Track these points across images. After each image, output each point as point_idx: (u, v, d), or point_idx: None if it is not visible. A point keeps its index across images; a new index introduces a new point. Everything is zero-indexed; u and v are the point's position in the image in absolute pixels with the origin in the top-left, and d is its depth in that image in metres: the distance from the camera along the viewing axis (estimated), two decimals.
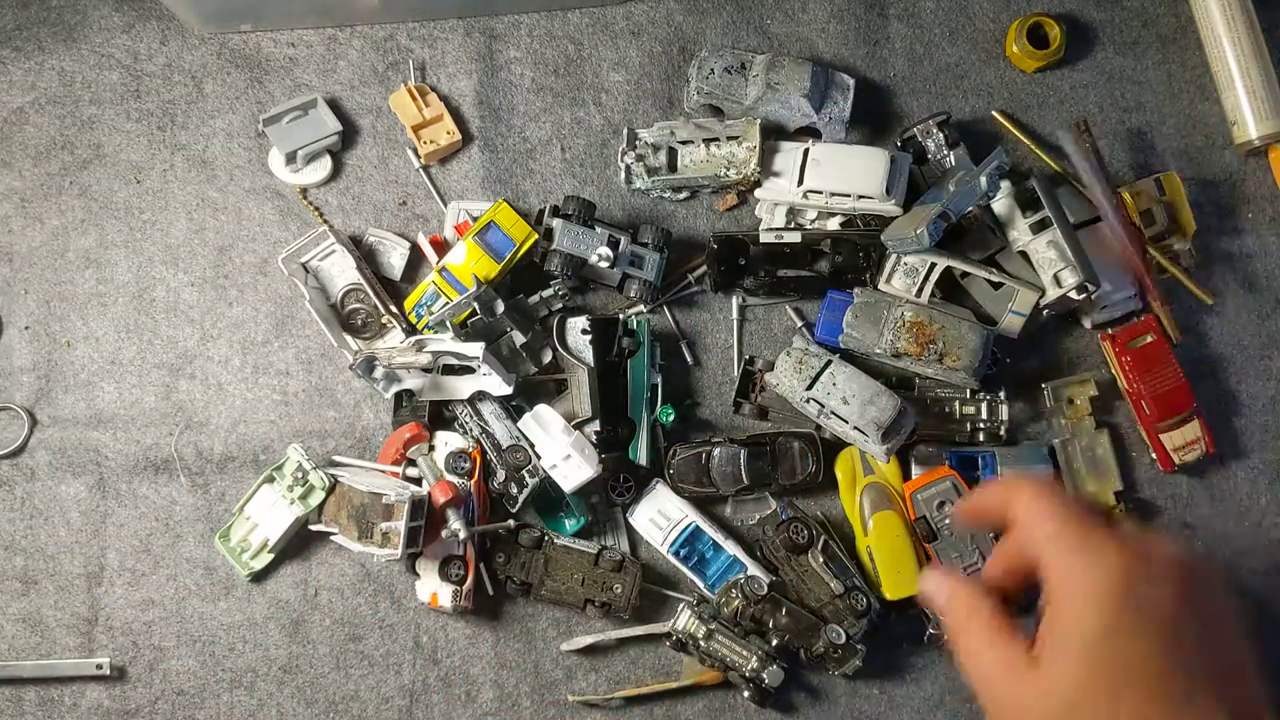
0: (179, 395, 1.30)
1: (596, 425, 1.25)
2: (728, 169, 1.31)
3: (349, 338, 1.28)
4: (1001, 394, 1.29)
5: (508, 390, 1.22)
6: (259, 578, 1.26)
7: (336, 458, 1.28)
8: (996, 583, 0.64)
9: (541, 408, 1.25)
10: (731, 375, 1.32)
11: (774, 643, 1.21)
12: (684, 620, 1.23)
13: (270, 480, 1.25)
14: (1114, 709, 0.54)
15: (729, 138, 1.31)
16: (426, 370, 1.24)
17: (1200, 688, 0.54)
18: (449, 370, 1.25)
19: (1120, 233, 1.27)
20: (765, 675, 1.20)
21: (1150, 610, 0.55)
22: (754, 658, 1.21)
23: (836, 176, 1.28)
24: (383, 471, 1.25)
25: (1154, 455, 1.31)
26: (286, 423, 1.29)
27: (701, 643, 1.22)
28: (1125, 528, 0.58)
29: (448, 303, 1.24)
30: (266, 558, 1.25)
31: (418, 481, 1.24)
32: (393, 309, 1.28)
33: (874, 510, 1.25)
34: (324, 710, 1.24)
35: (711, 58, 1.33)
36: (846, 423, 1.22)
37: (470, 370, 1.23)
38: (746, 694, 1.21)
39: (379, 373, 1.23)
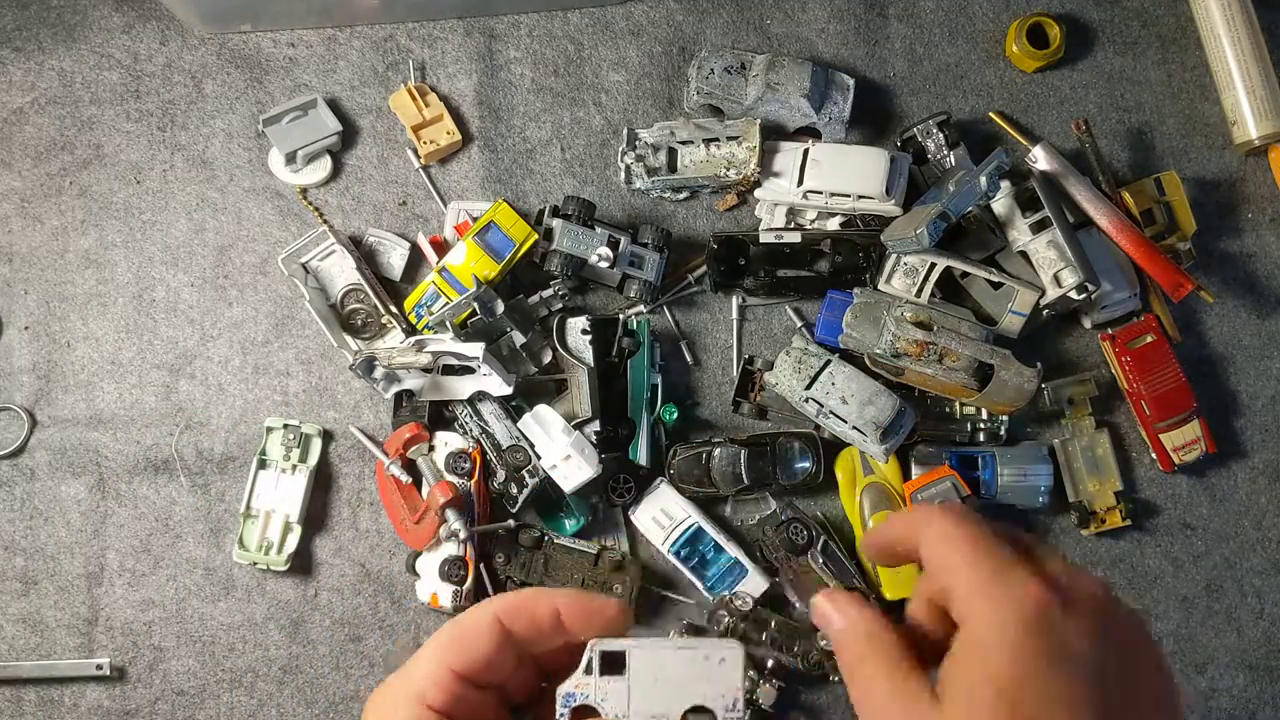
0: (179, 395, 1.30)
1: (596, 425, 1.25)
2: (728, 169, 1.31)
3: (349, 338, 1.28)
4: None
5: (508, 390, 1.22)
6: (297, 560, 1.25)
7: None
8: (917, 624, 0.57)
9: (541, 408, 1.25)
10: (731, 375, 1.32)
11: (769, 662, 1.21)
12: None
13: (262, 465, 1.25)
14: None
15: (729, 138, 1.31)
16: (426, 370, 1.24)
17: None
18: (449, 370, 1.25)
19: (1119, 227, 1.27)
20: (759, 696, 1.20)
21: (1064, 648, 0.49)
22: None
23: (836, 176, 1.28)
24: None
25: (1154, 455, 1.31)
26: None
27: None
28: (1047, 560, 0.53)
29: (448, 303, 1.24)
30: (294, 539, 1.24)
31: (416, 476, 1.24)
32: (393, 309, 1.28)
33: (874, 510, 1.25)
34: (324, 710, 1.24)
35: (711, 58, 1.33)
36: (845, 422, 1.22)
37: (470, 370, 1.23)
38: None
39: (379, 373, 1.23)
